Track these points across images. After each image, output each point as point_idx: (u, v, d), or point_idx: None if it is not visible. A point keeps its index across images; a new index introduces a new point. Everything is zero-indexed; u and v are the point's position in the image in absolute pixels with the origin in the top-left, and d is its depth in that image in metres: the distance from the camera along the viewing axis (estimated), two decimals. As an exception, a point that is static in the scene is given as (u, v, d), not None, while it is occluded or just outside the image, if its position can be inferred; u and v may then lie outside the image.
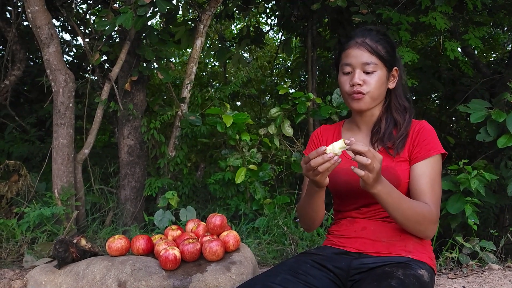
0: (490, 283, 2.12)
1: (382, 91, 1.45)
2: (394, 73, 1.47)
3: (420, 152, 1.40)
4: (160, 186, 3.32)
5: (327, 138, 1.61)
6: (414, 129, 1.45)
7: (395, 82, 1.48)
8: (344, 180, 1.48)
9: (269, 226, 2.89)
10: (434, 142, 1.41)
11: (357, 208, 1.49)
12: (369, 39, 1.42)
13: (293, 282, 1.33)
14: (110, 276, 1.62)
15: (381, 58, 1.42)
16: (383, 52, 1.42)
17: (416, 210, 1.32)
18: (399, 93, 1.49)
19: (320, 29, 5.13)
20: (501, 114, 2.94)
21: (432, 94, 5.84)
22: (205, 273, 1.61)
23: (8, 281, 2.08)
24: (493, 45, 5.70)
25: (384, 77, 1.43)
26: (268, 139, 3.38)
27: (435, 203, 1.37)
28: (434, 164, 1.40)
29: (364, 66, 1.41)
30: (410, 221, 1.33)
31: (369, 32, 1.45)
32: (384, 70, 1.43)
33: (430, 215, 1.34)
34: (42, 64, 3.96)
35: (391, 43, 1.46)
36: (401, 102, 1.48)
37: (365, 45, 1.41)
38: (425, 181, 1.38)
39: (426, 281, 1.32)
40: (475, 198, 2.69)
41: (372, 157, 1.18)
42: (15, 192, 3.00)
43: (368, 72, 1.41)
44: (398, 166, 1.41)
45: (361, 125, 1.53)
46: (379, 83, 1.42)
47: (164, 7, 2.93)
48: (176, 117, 3.50)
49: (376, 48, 1.41)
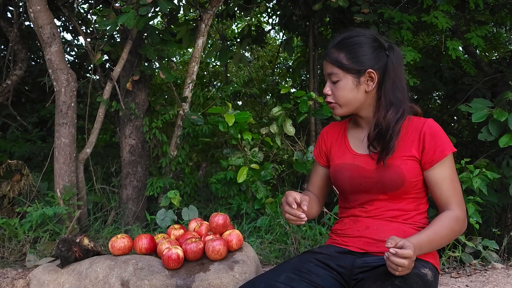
0: (494, 282, 2.11)
1: (352, 97, 1.44)
2: (371, 75, 1.42)
3: (435, 154, 1.38)
4: (161, 186, 3.32)
5: (332, 136, 1.62)
6: (421, 130, 1.42)
7: (374, 84, 1.43)
8: (347, 175, 1.48)
9: (271, 226, 2.88)
10: (446, 141, 1.40)
11: (361, 205, 1.49)
12: (333, 49, 1.45)
13: (297, 280, 1.33)
14: (113, 275, 1.62)
15: (342, 67, 1.42)
16: (345, 60, 1.42)
17: (446, 233, 1.35)
18: (385, 91, 1.44)
19: (322, 28, 5.12)
20: (503, 113, 2.93)
21: (434, 93, 5.83)
22: (208, 272, 1.61)
23: (11, 280, 2.09)
24: (495, 44, 5.69)
25: (350, 84, 1.43)
26: (270, 138, 3.38)
27: (459, 202, 1.39)
28: (449, 163, 1.40)
29: (329, 76, 1.46)
30: (447, 242, 1.40)
31: (338, 38, 1.47)
32: (349, 77, 1.42)
33: (458, 222, 1.37)
34: (43, 64, 3.97)
35: (364, 46, 1.43)
36: (387, 101, 1.44)
37: (327, 57, 1.46)
38: (448, 185, 1.39)
39: (430, 280, 1.32)
40: (478, 197, 2.68)
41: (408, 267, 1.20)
42: (17, 192, 3.00)
43: (334, 81, 1.45)
44: (403, 165, 1.40)
45: (362, 125, 1.53)
46: (345, 91, 1.43)
47: (166, 7, 2.93)
48: (178, 117, 3.50)
49: (337, 57, 1.43)
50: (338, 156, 1.55)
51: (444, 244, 1.38)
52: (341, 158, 1.53)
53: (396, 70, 1.44)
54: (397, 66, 1.44)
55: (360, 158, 1.48)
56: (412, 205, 1.44)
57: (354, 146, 1.53)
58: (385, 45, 1.45)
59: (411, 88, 5.34)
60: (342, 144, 1.56)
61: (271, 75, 6.58)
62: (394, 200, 1.43)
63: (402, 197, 1.43)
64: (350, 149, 1.52)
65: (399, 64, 1.45)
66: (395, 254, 1.17)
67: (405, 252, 1.17)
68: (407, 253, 1.16)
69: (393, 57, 1.44)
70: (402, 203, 1.43)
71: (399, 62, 1.45)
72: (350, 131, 1.58)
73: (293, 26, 4.81)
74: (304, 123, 3.95)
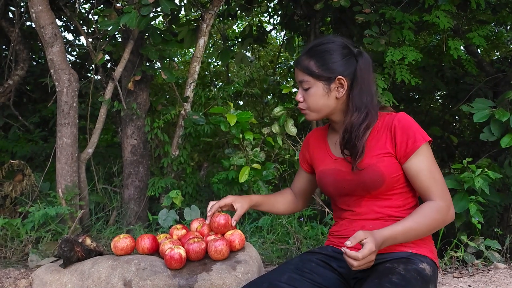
0: (496, 282, 2.11)
1: (323, 104, 1.46)
2: (341, 81, 1.44)
3: (408, 147, 1.39)
4: (163, 186, 3.32)
5: (314, 142, 1.66)
6: (391, 124, 1.43)
7: (344, 90, 1.45)
8: (331, 180, 1.51)
9: (273, 225, 2.89)
10: (418, 132, 1.40)
11: (350, 209, 1.50)
12: (304, 57, 1.47)
13: (299, 280, 1.34)
14: (115, 275, 1.62)
15: (313, 74, 1.44)
16: (315, 68, 1.44)
17: (426, 224, 1.35)
18: (353, 97, 1.45)
19: (323, 28, 5.12)
20: (505, 113, 2.93)
21: (435, 93, 5.83)
22: (211, 272, 1.61)
23: (13, 281, 2.09)
24: (497, 44, 5.68)
25: (320, 90, 1.45)
26: (272, 138, 3.38)
27: (441, 192, 1.38)
28: (425, 154, 1.40)
29: (301, 84, 1.48)
30: (428, 232, 1.38)
31: (308, 46, 1.49)
32: (320, 84, 1.45)
33: (440, 212, 1.35)
34: (45, 64, 3.97)
35: (333, 53, 1.44)
36: (354, 105, 1.45)
37: (298, 65, 1.48)
38: (425, 176, 1.38)
39: (428, 275, 1.33)
40: (479, 196, 2.68)
41: (365, 264, 1.24)
42: (19, 192, 3.01)
43: (305, 88, 1.48)
44: (380, 163, 1.41)
45: (337, 129, 1.56)
46: (316, 97, 1.46)
47: (167, 7, 2.93)
48: (180, 116, 3.50)
49: (307, 65, 1.45)
50: (320, 162, 1.59)
51: (425, 234, 1.38)
52: (323, 164, 1.57)
53: (364, 76, 1.45)
54: (365, 72, 1.46)
55: (340, 162, 1.51)
56: (399, 201, 1.45)
57: (334, 151, 1.56)
58: (355, 52, 1.47)
59: (412, 88, 5.35)
60: (323, 149, 1.60)
61: (273, 75, 6.58)
62: (380, 199, 1.45)
63: (388, 194, 1.44)
64: (330, 154, 1.56)
65: (367, 70, 1.47)
66: (345, 254, 1.23)
67: (353, 254, 1.21)
68: (354, 255, 1.21)
69: (362, 63, 1.46)
70: (389, 200, 1.45)
71: (367, 68, 1.47)
72: (330, 136, 1.62)
73: (295, 25, 4.81)
74: (306, 123, 3.94)
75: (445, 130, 5.42)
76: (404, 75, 3.32)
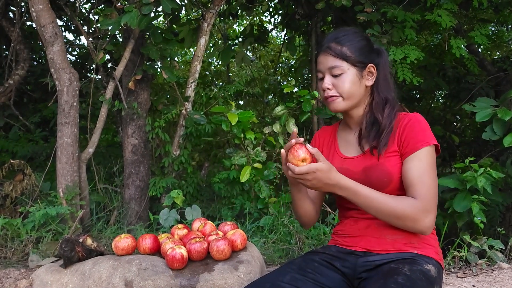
0: (500, 282, 2.10)
1: (355, 90, 1.45)
2: (371, 69, 1.46)
3: (408, 146, 1.38)
4: (164, 186, 3.31)
5: (323, 141, 1.64)
6: (402, 123, 1.42)
7: (374, 79, 1.47)
8: None
9: (274, 225, 2.87)
10: (423, 135, 1.38)
11: (356, 208, 1.48)
12: (334, 43, 1.44)
13: (302, 280, 1.33)
14: (116, 276, 1.61)
15: (347, 59, 1.42)
16: (349, 53, 1.43)
17: (392, 205, 1.32)
18: (381, 88, 1.48)
19: (324, 28, 5.11)
20: (507, 112, 2.92)
21: (437, 92, 5.82)
22: (213, 273, 1.60)
23: (13, 281, 2.08)
24: (498, 43, 5.68)
25: (354, 76, 1.43)
26: (273, 137, 3.37)
27: (423, 195, 1.33)
28: (423, 157, 1.37)
29: (330, 70, 1.44)
30: (388, 217, 1.34)
31: (335, 35, 1.47)
32: (354, 70, 1.43)
33: (413, 208, 1.32)
34: (45, 64, 3.96)
35: (360, 42, 1.46)
36: (382, 96, 1.47)
37: (329, 50, 1.44)
38: (413, 174, 1.35)
39: (434, 276, 1.32)
40: (482, 196, 2.67)
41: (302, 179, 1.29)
42: (19, 192, 3.00)
43: (336, 75, 1.44)
44: (387, 162, 1.40)
45: (351, 125, 1.55)
46: (349, 84, 1.43)
47: (168, 7, 2.92)
48: (181, 116, 3.49)
49: (341, 50, 1.43)
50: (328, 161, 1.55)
51: (385, 217, 1.34)
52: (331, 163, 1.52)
53: (386, 70, 1.49)
54: (387, 66, 1.49)
55: (347, 161, 1.49)
56: None
57: (342, 149, 1.55)
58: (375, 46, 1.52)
59: (414, 87, 5.34)
60: (331, 148, 1.59)
61: (273, 75, 6.58)
62: None
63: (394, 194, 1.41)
64: (339, 153, 1.55)
65: (388, 65, 1.50)
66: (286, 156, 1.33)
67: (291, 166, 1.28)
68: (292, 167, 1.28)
69: (385, 57, 1.50)
70: None
71: (388, 63, 1.50)
72: (340, 134, 1.60)
73: (295, 25, 4.80)
74: (307, 122, 3.93)
75: (446, 130, 5.41)
76: (405, 74, 3.31)
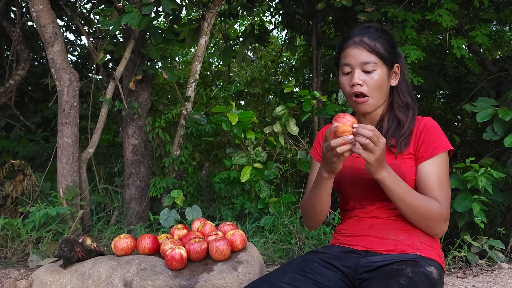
0: (501, 282, 2.09)
1: (384, 89, 1.43)
2: (396, 70, 1.44)
3: (426, 151, 1.38)
4: (164, 186, 3.31)
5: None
6: (418, 126, 1.42)
7: (398, 79, 1.46)
8: (348, 178, 1.47)
9: (274, 225, 2.87)
10: (440, 140, 1.39)
11: (362, 207, 1.47)
12: (367, 37, 1.39)
13: (301, 281, 1.32)
14: (116, 276, 1.61)
15: (380, 56, 1.39)
16: (382, 49, 1.39)
17: (423, 204, 1.31)
18: (402, 90, 1.47)
19: (325, 27, 5.11)
20: (508, 112, 2.91)
21: (438, 92, 5.81)
22: (212, 273, 1.60)
23: (13, 281, 2.08)
24: (499, 43, 5.66)
25: (384, 75, 1.41)
26: (273, 137, 3.37)
27: (444, 201, 1.35)
28: (440, 162, 1.38)
29: (363, 65, 1.38)
30: (416, 214, 1.32)
31: (367, 30, 1.42)
32: (385, 68, 1.40)
33: (439, 212, 1.33)
34: (46, 64, 3.96)
35: (390, 40, 1.44)
36: (403, 99, 1.46)
37: (363, 44, 1.39)
38: (433, 180, 1.36)
39: (435, 278, 1.31)
40: (483, 196, 2.66)
41: (376, 139, 1.20)
42: (20, 192, 3.00)
43: (368, 71, 1.39)
44: (403, 164, 1.39)
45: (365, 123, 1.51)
46: (380, 82, 1.39)
47: (169, 7, 2.92)
48: (181, 116, 3.49)
49: (375, 46, 1.39)
50: None
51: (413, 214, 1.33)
52: None
53: (405, 71, 1.48)
54: (405, 67, 1.49)
55: (360, 160, 1.44)
56: None
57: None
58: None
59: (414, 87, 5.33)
60: None
61: (274, 75, 6.57)
62: None
63: None
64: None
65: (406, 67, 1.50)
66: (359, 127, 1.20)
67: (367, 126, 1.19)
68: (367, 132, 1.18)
69: (403, 58, 1.48)
70: None
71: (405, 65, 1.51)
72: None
73: (296, 25, 4.80)
74: (308, 122, 3.93)
75: (447, 129, 5.40)
76: (406, 74, 3.30)
